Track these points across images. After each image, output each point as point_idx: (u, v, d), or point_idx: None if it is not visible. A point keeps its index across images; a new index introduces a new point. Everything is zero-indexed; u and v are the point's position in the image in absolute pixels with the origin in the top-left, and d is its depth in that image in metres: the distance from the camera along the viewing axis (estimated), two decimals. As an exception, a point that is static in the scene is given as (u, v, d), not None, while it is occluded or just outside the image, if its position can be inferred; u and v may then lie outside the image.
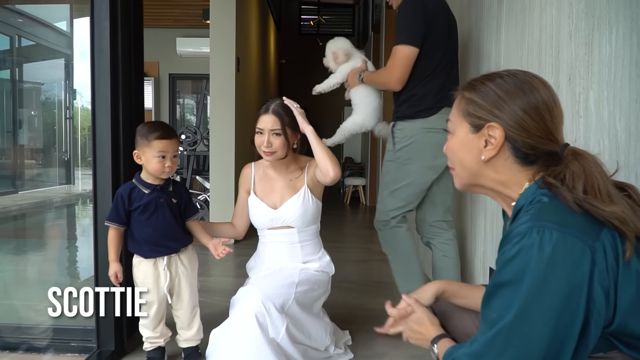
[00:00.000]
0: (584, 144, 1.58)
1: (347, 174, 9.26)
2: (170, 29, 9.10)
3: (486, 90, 1.12)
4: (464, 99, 1.17)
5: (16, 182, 8.76)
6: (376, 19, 7.80)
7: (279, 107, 2.24)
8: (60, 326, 2.53)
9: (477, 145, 1.14)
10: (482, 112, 1.12)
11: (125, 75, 2.39)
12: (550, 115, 1.08)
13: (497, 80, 1.12)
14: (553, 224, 0.97)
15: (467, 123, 1.15)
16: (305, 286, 2.22)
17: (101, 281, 2.33)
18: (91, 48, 2.25)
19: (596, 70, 1.53)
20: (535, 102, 1.08)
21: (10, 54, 9.03)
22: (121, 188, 2.21)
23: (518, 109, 1.08)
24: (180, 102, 10.31)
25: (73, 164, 9.56)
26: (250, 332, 1.99)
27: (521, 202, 1.09)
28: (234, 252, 4.66)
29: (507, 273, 0.99)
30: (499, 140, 1.10)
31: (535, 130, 1.07)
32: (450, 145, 1.22)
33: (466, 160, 1.17)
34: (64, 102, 9.31)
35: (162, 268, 2.23)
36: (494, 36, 2.46)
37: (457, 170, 1.22)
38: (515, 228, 1.02)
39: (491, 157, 1.13)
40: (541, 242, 0.96)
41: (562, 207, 1.01)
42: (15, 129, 8.80)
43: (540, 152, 1.09)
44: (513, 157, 1.11)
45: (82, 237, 6.03)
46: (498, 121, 1.09)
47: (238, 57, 5.20)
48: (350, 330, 2.62)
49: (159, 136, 2.12)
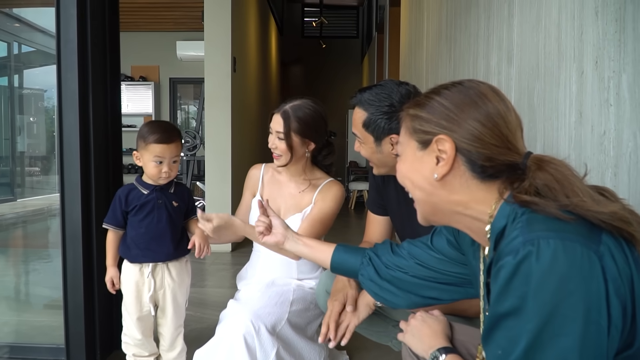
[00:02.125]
0: (615, 137, 1.35)
1: (352, 178, 9.07)
2: (170, 32, 8.98)
3: (431, 104, 1.03)
4: (409, 116, 1.07)
5: (15, 189, 8.65)
6: (380, 20, 7.66)
7: (291, 109, 2.04)
8: (29, 344, 2.33)
9: (428, 163, 1.03)
10: (429, 125, 1.02)
11: (97, 72, 2.18)
12: (504, 122, 0.98)
13: (442, 92, 1.04)
14: (549, 232, 0.83)
15: (415, 140, 1.05)
16: (300, 305, 2.01)
17: (70, 294, 2.13)
18: (57, 38, 2.04)
19: (630, 50, 1.30)
20: (485, 109, 0.99)
21: (8, 60, 8.93)
22: (120, 189, 2.06)
23: (467, 118, 0.99)
24: (184, 108, 10.13)
25: (73, 171, 9.41)
26: (237, 355, 1.78)
27: (501, 222, 0.95)
28: (229, 261, 4.49)
29: (506, 301, 0.85)
30: (450, 153, 0.99)
31: (490, 138, 0.97)
32: (401, 169, 1.11)
33: (418, 180, 1.06)
34: (63, 109, 9.17)
35: (146, 275, 2.04)
36: (505, 23, 2.23)
37: (415, 198, 1.10)
38: (504, 248, 0.88)
39: (445, 174, 1.01)
40: (539, 255, 0.81)
41: (551, 219, 0.86)
42: (14, 135, 8.71)
43: (499, 165, 0.98)
44: (470, 172, 1.00)
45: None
46: (446, 132, 1.00)
47: (234, 57, 5.00)
48: (349, 349, 2.40)
49: (156, 139, 1.95)
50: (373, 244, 1.93)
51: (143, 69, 9.44)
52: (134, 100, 9.32)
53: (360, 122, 1.66)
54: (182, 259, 2.13)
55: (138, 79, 9.40)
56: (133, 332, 2.07)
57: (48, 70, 9.66)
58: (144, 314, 2.07)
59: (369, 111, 1.63)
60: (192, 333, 2.21)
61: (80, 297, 2.14)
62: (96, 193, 2.17)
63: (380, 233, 1.96)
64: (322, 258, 1.50)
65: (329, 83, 12.03)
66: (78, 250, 2.13)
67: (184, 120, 10.13)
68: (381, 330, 1.94)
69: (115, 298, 2.35)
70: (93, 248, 2.18)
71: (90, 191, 2.15)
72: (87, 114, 2.12)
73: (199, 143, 6.62)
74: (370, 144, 1.66)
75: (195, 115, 9.71)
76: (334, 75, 12.01)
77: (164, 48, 9.10)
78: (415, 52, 4.63)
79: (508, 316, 0.84)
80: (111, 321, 2.35)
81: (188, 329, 2.18)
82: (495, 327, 0.88)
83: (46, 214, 8.18)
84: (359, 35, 12.07)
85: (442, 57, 3.54)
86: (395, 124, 1.60)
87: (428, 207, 1.07)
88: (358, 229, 6.89)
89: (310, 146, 2.08)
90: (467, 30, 2.86)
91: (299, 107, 2.05)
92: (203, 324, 2.78)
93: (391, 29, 6.45)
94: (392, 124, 1.61)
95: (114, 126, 2.33)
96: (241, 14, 5.57)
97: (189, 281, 2.18)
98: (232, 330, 1.82)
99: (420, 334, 1.27)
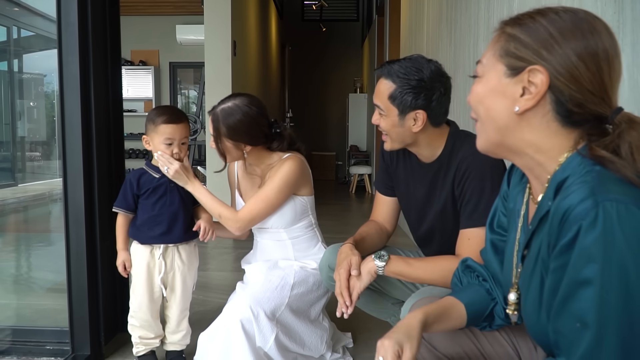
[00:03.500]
0: (614, 119, 1.35)
1: (353, 162, 9.06)
2: (170, 16, 8.94)
3: (535, 27, 0.90)
4: (505, 34, 0.93)
5: (16, 174, 8.68)
6: (380, 3, 7.60)
7: (221, 113, 1.97)
8: (33, 327, 2.36)
9: (512, 92, 0.92)
10: (527, 51, 0.90)
11: (98, 55, 2.18)
12: (609, 68, 0.87)
13: (550, 15, 0.90)
14: (627, 197, 0.77)
15: (503, 65, 0.93)
16: (301, 288, 2.02)
17: (74, 277, 2.15)
18: (57, 22, 2.04)
19: (629, 30, 1.30)
20: (594, 47, 0.87)
21: (7, 45, 8.90)
22: (130, 174, 2.06)
23: (572, 53, 0.86)
24: (184, 92, 10.10)
25: (74, 155, 9.40)
26: (235, 339, 1.82)
27: (564, 173, 0.88)
28: (232, 244, 4.51)
29: (586, 268, 0.77)
30: (541, 88, 0.88)
31: (588, 83, 0.87)
32: (476, 90, 0.98)
33: (495, 109, 0.95)
34: (64, 93, 9.14)
35: (157, 257, 2.06)
36: (505, 4, 2.22)
37: (482, 124, 0.99)
38: (573, 204, 0.80)
39: (527, 109, 0.91)
40: (621, 222, 0.75)
41: (624, 181, 0.80)
42: (14, 120, 8.71)
43: (587, 113, 0.88)
44: (553, 113, 0.90)
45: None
46: (544, 64, 0.88)
47: (234, 41, 4.98)
48: (352, 330, 2.43)
49: (165, 120, 1.97)
50: (380, 222, 1.95)
51: (143, 53, 9.41)
52: (134, 85, 9.29)
53: (386, 94, 1.62)
54: (192, 242, 2.15)
55: (138, 64, 9.37)
56: (142, 314, 2.08)
57: (48, 55, 9.63)
58: (155, 296, 2.09)
59: (397, 83, 1.60)
60: (195, 316, 2.24)
61: (84, 280, 2.15)
62: (98, 176, 2.18)
63: (387, 213, 1.97)
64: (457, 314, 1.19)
65: (329, 67, 11.97)
66: (81, 233, 2.14)
67: (184, 104, 10.10)
68: (381, 307, 1.98)
69: (120, 281, 2.37)
70: (96, 231, 2.19)
71: (93, 175, 2.15)
72: (89, 98, 2.12)
73: (199, 127, 6.62)
74: (393, 117, 1.63)
75: (195, 99, 9.70)
76: (334, 58, 11.96)
77: (164, 32, 9.06)
78: (416, 35, 4.62)
79: (586, 285, 0.78)
80: (115, 304, 2.38)
81: (192, 311, 2.20)
82: (571, 297, 0.80)
83: (47, 198, 8.22)
84: (359, 19, 11.98)
85: (442, 40, 3.53)
86: (422, 100, 1.58)
87: (495, 137, 0.97)
88: (359, 212, 6.92)
89: (246, 147, 1.99)
90: (467, 13, 2.85)
91: (229, 112, 1.95)
92: (206, 307, 2.80)
93: (391, 12, 6.40)
94: (419, 99, 1.58)
95: (115, 110, 2.34)
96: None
97: (197, 264, 2.19)
98: (231, 315, 1.85)
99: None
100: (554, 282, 0.84)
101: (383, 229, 1.95)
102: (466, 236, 1.60)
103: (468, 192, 1.60)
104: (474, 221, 1.58)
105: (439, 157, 1.70)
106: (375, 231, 1.91)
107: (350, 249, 1.69)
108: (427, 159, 1.73)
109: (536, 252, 0.94)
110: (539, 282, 0.92)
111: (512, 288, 1.07)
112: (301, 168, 2.02)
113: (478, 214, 1.57)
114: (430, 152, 1.71)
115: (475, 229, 1.58)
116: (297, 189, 2.05)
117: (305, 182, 2.07)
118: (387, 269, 1.60)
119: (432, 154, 1.71)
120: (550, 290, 0.86)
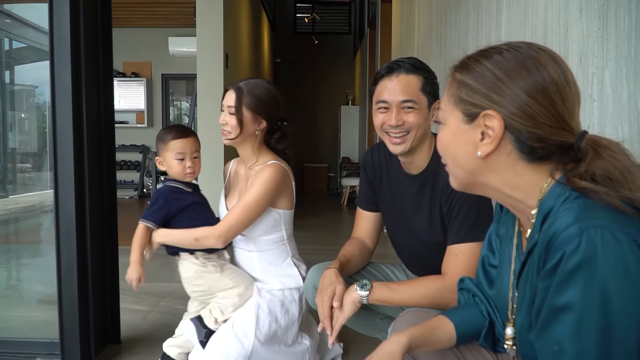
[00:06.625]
0: (598, 132, 1.38)
1: (345, 174, 9.06)
2: (162, 28, 8.96)
3: (482, 71, 0.91)
4: (455, 81, 0.96)
5: (7, 186, 8.62)
6: (372, 16, 7.67)
7: (245, 85, 2.01)
8: (24, 339, 2.34)
9: (472, 138, 0.93)
10: (478, 97, 0.91)
11: (90, 68, 2.19)
12: (561, 98, 0.87)
13: (494, 57, 0.91)
14: (612, 224, 0.77)
15: (460, 111, 0.95)
16: (268, 317, 1.97)
17: (64, 288, 2.15)
18: (50, 34, 2.05)
19: (612, 46, 1.33)
20: (541, 82, 0.87)
21: (-3, 56, 8.88)
22: (165, 190, 2.05)
23: (521, 92, 0.87)
24: (176, 104, 10.09)
25: (65, 167, 9.36)
26: None
27: (549, 202, 0.88)
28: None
29: (565, 293, 0.78)
30: (498, 131, 0.89)
31: (544, 117, 0.87)
32: (441, 138, 1.00)
33: (459, 156, 0.97)
34: (55, 105, 9.12)
35: (206, 260, 2.07)
36: (493, 19, 2.26)
37: (451, 168, 1.01)
38: (558, 232, 0.81)
39: (489, 153, 0.92)
40: (605, 249, 0.75)
41: (610, 208, 0.80)
42: (6, 132, 8.66)
43: (551, 145, 0.89)
44: (517, 152, 0.91)
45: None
46: (496, 107, 0.89)
47: (227, 53, 5.01)
48: (343, 339, 2.42)
49: (174, 136, 2.02)
50: (362, 239, 1.94)
51: (135, 65, 9.42)
52: (126, 97, 9.29)
53: (417, 87, 1.61)
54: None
55: (130, 75, 9.38)
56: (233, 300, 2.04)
57: (39, 67, 9.61)
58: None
59: (423, 75, 1.62)
60: (169, 327, 2.23)
61: (74, 292, 2.15)
62: (90, 188, 2.18)
63: (369, 229, 1.97)
64: (446, 335, 1.19)
65: (321, 79, 12.03)
66: (72, 245, 2.13)
67: (176, 116, 10.10)
68: (369, 323, 1.95)
69: (110, 293, 2.37)
70: (87, 243, 2.19)
71: (84, 187, 2.16)
72: (81, 110, 2.13)
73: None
74: (424, 109, 1.63)
75: (187, 111, 9.70)
76: (326, 71, 12.01)
77: (156, 44, 9.08)
78: (407, 48, 4.66)
79: (566, 310, 0.78)
80: (105, 315, 2.37)
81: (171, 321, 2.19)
82: (551, 320, 0.80)
83: (38, 210, 8.16)
84: (351, 32, 12.06)
85: (432, 53, 3.57)
86: (438, 90, 1.63)
87: (466, 179, 0.99)
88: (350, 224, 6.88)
89: (261, 124, 2.02)
90: (457, 27, 2.89)
91: (253, 84, 2.03)
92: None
93: (383, 25, 6.47)
94: (438, 89, 1.63)
95: (107, 122, 2.34)
96: (233, 10, 5.57)
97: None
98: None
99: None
100: (539, 303, 0.85)
101: (365, 246, 1.94)
102: (453, 252, 1.60)
103: (456, 208, 1.61)
104: (462, 237, 1.58)
105: (425, 169, 1.71)
106: (359, 251, 1.89)
107: (336, 275, 1.66)
108: (415, 170, 1.73)
109: (527, 276, 0.95)
110: (529, 303, 0.92)
111: (508, 322, 1.07)
112: (282, 178, 1.99)
113: (465, 229, 1.58)
114: (422, 160, 1.71)
115: (462, 245, 1.58)
116: (276, 200, 2.01)
117: (285, 194, 2.04)
118: (371, 297, 1.58)
119: (421, 163, 1.71)
120: (537, 311, 0.86)
